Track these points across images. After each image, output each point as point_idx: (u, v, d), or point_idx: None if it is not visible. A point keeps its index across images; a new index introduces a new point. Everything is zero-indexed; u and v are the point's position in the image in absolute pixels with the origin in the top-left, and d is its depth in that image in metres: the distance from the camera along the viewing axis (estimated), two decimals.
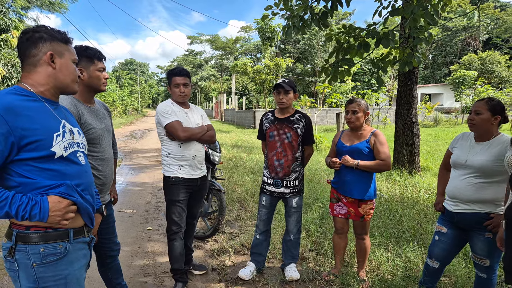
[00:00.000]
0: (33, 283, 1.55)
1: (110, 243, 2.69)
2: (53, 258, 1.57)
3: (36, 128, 1.50)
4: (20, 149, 1.48)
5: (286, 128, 3.44)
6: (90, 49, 2.39)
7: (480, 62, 36.20)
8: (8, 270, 1.58)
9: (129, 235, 4.73)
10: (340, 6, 4.53)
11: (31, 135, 1.48)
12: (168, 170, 3.24)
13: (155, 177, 8.61)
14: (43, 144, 1.52)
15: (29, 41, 1.60)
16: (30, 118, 1.50)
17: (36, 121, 1.52)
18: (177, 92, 3.21)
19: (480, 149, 2.57)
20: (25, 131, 1.47)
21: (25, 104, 1.52)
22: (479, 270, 2.67)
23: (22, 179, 1.50)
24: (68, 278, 1.62)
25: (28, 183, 1.51)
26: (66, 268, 1.62)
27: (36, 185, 1.52)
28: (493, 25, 42.39)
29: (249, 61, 29.90)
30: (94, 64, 2.38)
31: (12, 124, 1.44)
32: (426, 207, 5.21)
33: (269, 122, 3.54)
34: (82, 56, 2.32)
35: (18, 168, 1.49)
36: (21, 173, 1.50)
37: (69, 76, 1.69)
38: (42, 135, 1.52)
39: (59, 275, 1.59)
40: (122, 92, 45.04)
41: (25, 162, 1.50)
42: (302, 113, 3.49)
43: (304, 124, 3.46)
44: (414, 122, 7.48)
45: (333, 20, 43.26)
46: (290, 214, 3.54)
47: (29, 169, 1.51)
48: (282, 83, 3.40)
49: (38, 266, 1.54)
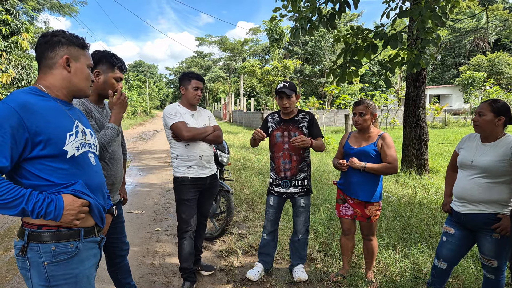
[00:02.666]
0: (44, 281, 1.57)
1: (119, 243, 2.72)
2: (64, 257, 1.60)
3: (49, 127, 1.55)
4: (34, 146, 1.51)
5: (292, 128, 3.47)
6: (116, 57, 2.47)
7: (489, 63, 35.87)
8: (20, 268, 1.61)
9: (137, 236, 4.78)
10: (348, 8, 4.54)
11: (44, 133, 1.52)
12: (177, 171, 3.31)
13: (164, 178, 8.67)
14: (56, 142, 1.56)
15: (47, 44, 1.67)
16: (44, 116, 1.55)
17: (50, 119, 1.56)
18: (194, 94, 3.30)
19: (486, 150, 2.58)
20: (39, 128, 1.51)
21: (40, 103, 1.57)
22: (487, 271, 2.66)
23: (34, 178, 1.54)
24: (78, 277, 1.65)
25: (40, 184, 1.54)
26: (77, 267, 1.64)
27: (48, 185, 1.55)
28: (502, 27, 41.98)
29: (257, 62, 29.99)
30: (114, 72, 2.45)
31: (27, 121, 1.48)
32: (435, 209, 5.19)
33: (275, 123, 3.56)
34: (106, 61, 2.42)
35: (31, 167, 1.53)
36: (34, 172, 1.53)
37: (83, 80, 1.75)
38: (55, 134, 1.56)
39: (69, 273, 1.62)
40: (131, 93, 45.30)
41: (38, 161, 1.53)
42: (304, 111, 3.55)
43: (308, 120, 3.50)
44: (422, 123, 7.45)
45: (341, 21, 43.18)
46: (298, 214, 3.55)
47: (42, 168, 1.54)
48: (284, 89, 3.41)
49: (50, 265, 1.57)
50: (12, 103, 1.48)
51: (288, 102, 3.43)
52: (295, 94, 3.45)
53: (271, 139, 3.58)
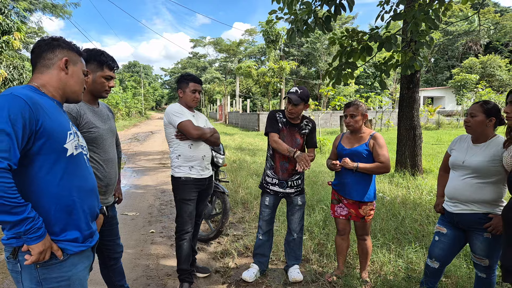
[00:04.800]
0: (36, 285, 1.56)
1: (113, 245, 2.71)
2: (57, 260, 1.59)
3: (53, 122, 1.55)
4: (35, 141, 1.50)
5: (296, 133, 3.48)
6: (105, 55, 2.44)
7: (481, 65, 36.31)
8: (11, 271, 1.59)
9: (132, 238, 4.77)
10: (343, 10, 4.57)
11: (48, 129, 1.53)
12: (178, 171, 3.30)
13: (159, 180, 8.66)
14: (58, 138, 1.57)
15: (47, 46, 1.70)
16: (48, 112, 1.55)
17: (52, 116, 1.57)
18: (192, 96, 3.34)
19: (477, 151, 2.62)
20: (45, 123, 1.51)
21: (41, 100, 1.57)
22: (478, 270, 2.70)
23: (34, 177, 1.52)
24: (71, 280, 1.64)
25: (39, 190, 1.53)
26: (70, 270, 1.63)
27: (45, 195, 1.55)
28: (493, 29, 42.40)
29: (253, 63, 29.97)
30: (103, 71, 2.42)
31: (36, 115, 1.49)
32: (428, 209, 5.23)
33: (282, 124, 3.51)
34: (95, 60, 2.38)
35: (31, 162, 1.51)
36: (33, 168, 1.52)
37: (78, 83, 1.78)
38: (58, 130, 1.57)
39: (62, 276, 1.61)
40: (126, 94, 45.13)
41: (38, 158, 1.52)
42: (308, 118, 3.57)
43: (310, 128, 3.53)
44: (416, 124, 7.51)
45: (336, 24, 43.30)
46: (294, 212, 3.58)
47: (41, 165, 1.53)
48: (291, 95, 3.36)
49: (42, 268, 1.56)
50: (22, 95, 1.48)
51: (294, 109, 3.38)
52: (304, 103, 3.41)
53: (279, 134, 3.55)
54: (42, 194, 1.54)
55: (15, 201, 1.40)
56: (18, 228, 1.44)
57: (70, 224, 1.63)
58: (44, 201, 1.55)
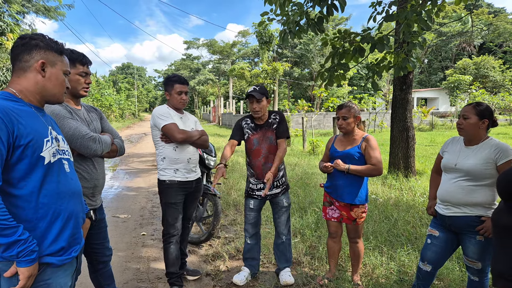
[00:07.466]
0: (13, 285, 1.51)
1: (102, 248, 2.66)
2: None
3: (28, 132, 1.51)
4: (13, 152, 1.47)
5: (268, 132, 3.47)
6: (74, 52, 2.39)
7: (475, 66, 36.57)
8: None
9: (122, 241, 4.71)
10: (336, 11, 4.56)
11: (24, 138, 1.49)
12: (163, 174, 3.27)
13: (151, 182, 8.58)
14: (34, 147, 1.52)
15: (24, 46, 1.63)
16: (23, 122, 1.51)
17: (28, 125, 1.52)
18: (178, 98, 3.27)
19: (470, 153, 2.60)
20: (20, 133, 1.47)
21: (17, 108, 1.53)
22: (471, 273, 2.68)
23: (14, 189, 1.49)
24: (51, 286, 1.60)
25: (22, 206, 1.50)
26: (50, 278, 1.59)
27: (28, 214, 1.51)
28: (487, 30, 42.78)
29: (246, 65, 29.97)
30: (76, 68, 2.37)
31: (9, 126, 1.45)
32: (421, 211, 5.22)
33: (251, 129, 3.52)
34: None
35: (9, 174, 1.48)
36: (10, 181, 1.48)
37: (57, 86, 1.70)
38: (34, 139, 1.53)
39: (42, 284, 1.57)
40: (119, 96, 44.90)
41: (16, 167, 1.48)
42: (275, 111, 3.55)
43: (278, 119, 3.49)
44: (409, 126, 7.51)
45: (329, 25, 43.46)
46: (280, 215, 3.55)
47: (19, 177, 1.49)
48: (253, 92, 3.38)
49: None
50: None
51: (258, 106, 3.39)
52: (266, 98, 3.42)
53: (248, 146, 3.54)
54: (21, 204, 1.50)
55: (5, 223, 1.39)
56: (11, 250, 1.42)
57: (53, 234, 1.59)
58: (23, 212, 1.51)
